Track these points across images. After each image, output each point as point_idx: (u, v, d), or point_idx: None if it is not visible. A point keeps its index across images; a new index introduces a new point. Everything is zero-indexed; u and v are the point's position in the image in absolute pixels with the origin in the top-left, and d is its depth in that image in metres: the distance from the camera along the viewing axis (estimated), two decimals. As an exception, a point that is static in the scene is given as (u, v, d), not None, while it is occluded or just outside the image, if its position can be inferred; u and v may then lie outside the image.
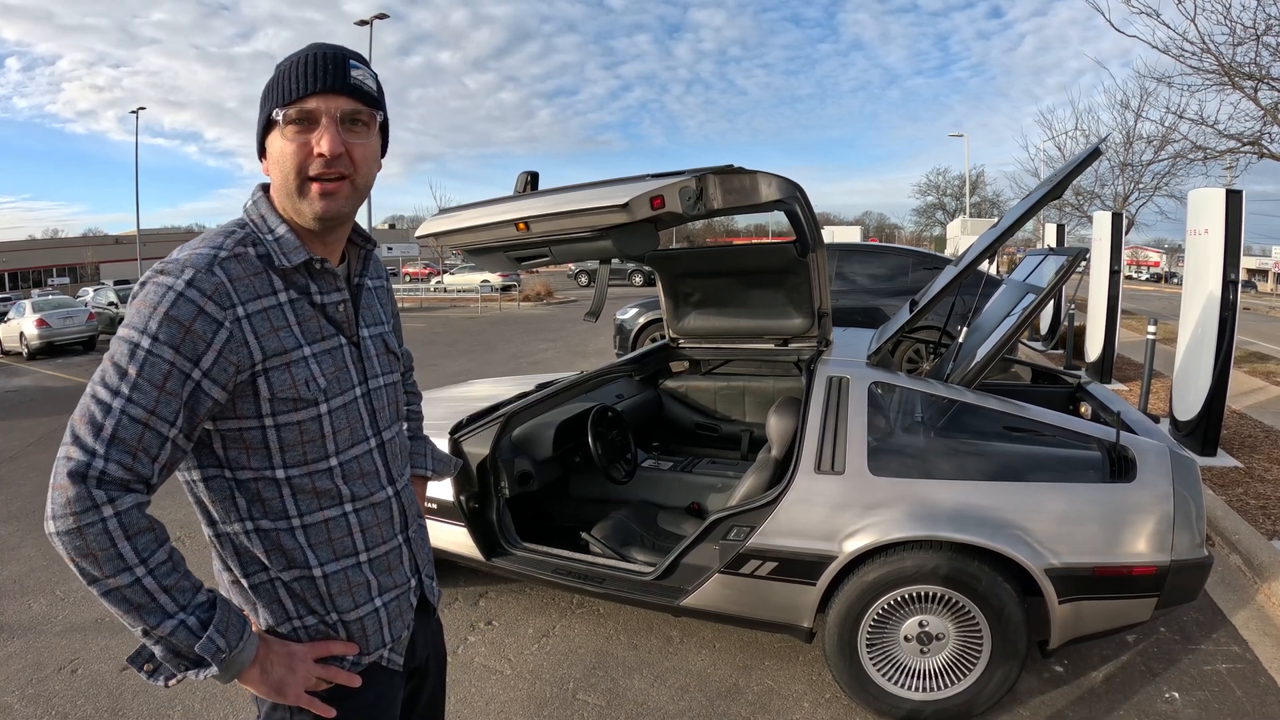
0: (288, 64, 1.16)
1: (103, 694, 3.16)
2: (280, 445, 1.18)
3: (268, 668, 1.17)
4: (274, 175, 1.19)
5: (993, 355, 2.99)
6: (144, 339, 1.07)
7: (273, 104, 1.15)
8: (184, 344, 1.08)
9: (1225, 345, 5.58)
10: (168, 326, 1.07)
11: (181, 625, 1.08)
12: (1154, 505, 2.61)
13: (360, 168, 1.20)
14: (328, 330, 1.25)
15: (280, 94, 1.14)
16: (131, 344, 1.07)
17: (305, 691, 1.21)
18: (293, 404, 1.18)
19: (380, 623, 1.32)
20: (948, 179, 52.82)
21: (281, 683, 1.18)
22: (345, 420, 1.25)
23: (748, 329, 4.53)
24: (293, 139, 1.15)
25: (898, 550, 2.70)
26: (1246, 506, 4.73)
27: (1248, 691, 2.96)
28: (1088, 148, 3.02)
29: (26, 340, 17.13)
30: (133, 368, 1.06)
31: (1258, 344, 13.71)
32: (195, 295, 1.09)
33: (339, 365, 1.25)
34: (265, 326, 1.15)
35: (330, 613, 1.26)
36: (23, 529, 5.26)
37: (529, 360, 12.77)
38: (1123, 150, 16.11)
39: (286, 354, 1.17)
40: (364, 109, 1.19)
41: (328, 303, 1.26)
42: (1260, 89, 8.12)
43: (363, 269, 1.37)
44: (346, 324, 1.29)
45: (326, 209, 1.18)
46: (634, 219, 2.56)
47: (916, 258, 9.92)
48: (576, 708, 2.99)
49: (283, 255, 1.19)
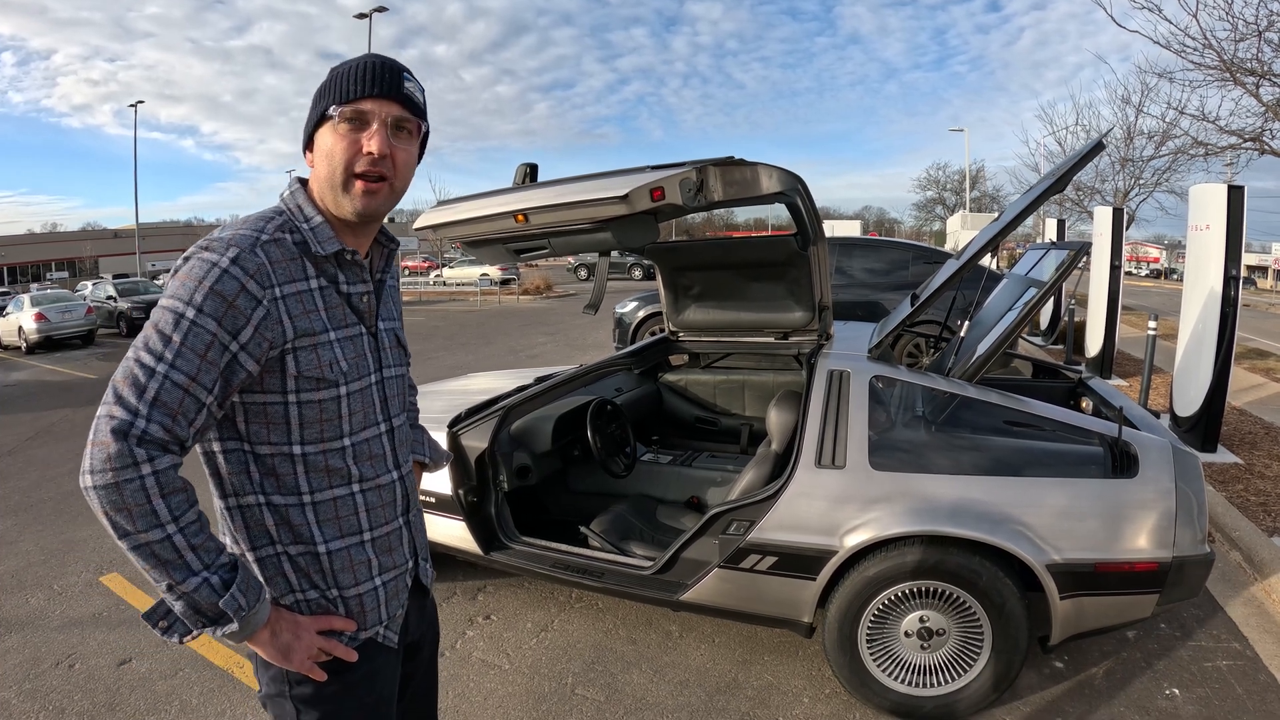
0: (345, 68, 1.25)
1: (100, 689, 3.15)
2: (300, 421, 1.26)
3: (277, 632, 1.25)
4: (320, 167, 1.27)
5: (994, 350, 2.98)
6: (189, 309, 1.13)
7: (329, 101, 1.24)
8: (226, 317, 1.15)
9: (1226, 341, 5.56)
10: (212, 300, 1.14)
11: (205, 583, 1.14)
12: (1156, 501, 2.59)
13: (400, 172, 1.29)
14: (350, 319, 1.33)
15: (338, 93, 1.23)
16: (176, 313, 1.13)
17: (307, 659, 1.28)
18: (316, 383, 1.26)
19: (378, 600, 1.39)
20: (948, 174, 52.80)
21: (288, 647, 1.26)
22: (360, 404, 1.33)
23: (748, 322, 4.51)
24: (344, 135, 1.24)
25: (898, 545, 2.69)
26: (1247, 503, 4.72)
27: (1248, 688, 2.95)
28: (1090, 141, 3.00)
29: (25, 335, 17.08)
30: (177, 335, 1.12)
31: (1258, 341, 13.69)
32: (238, 273, 1.16)
33: (359, 352, 1.33)
34: (298, 308, 1.24)
35: (331, 588, 1.33)
36: (21, 523, 5.25)
37: (528, 354, 12.76)
38: (1124, 145, 16.07)
39: (314, 336, 1.25)
40: (411, 118, 1.28)
41: (353, 292, 1.34)
42: (1262, 85, 8.09)
43: (385, 265, 1.45)
44: (368, 314, 1.37)
45: (366, 205, 1.26)
46: (634, 211, 2.54)
47: (916, 252, 9.90)
48: (575, 703, 2.98)
49: (318, 243, 1.28)
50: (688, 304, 4.69)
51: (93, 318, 18.63)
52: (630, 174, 2.64)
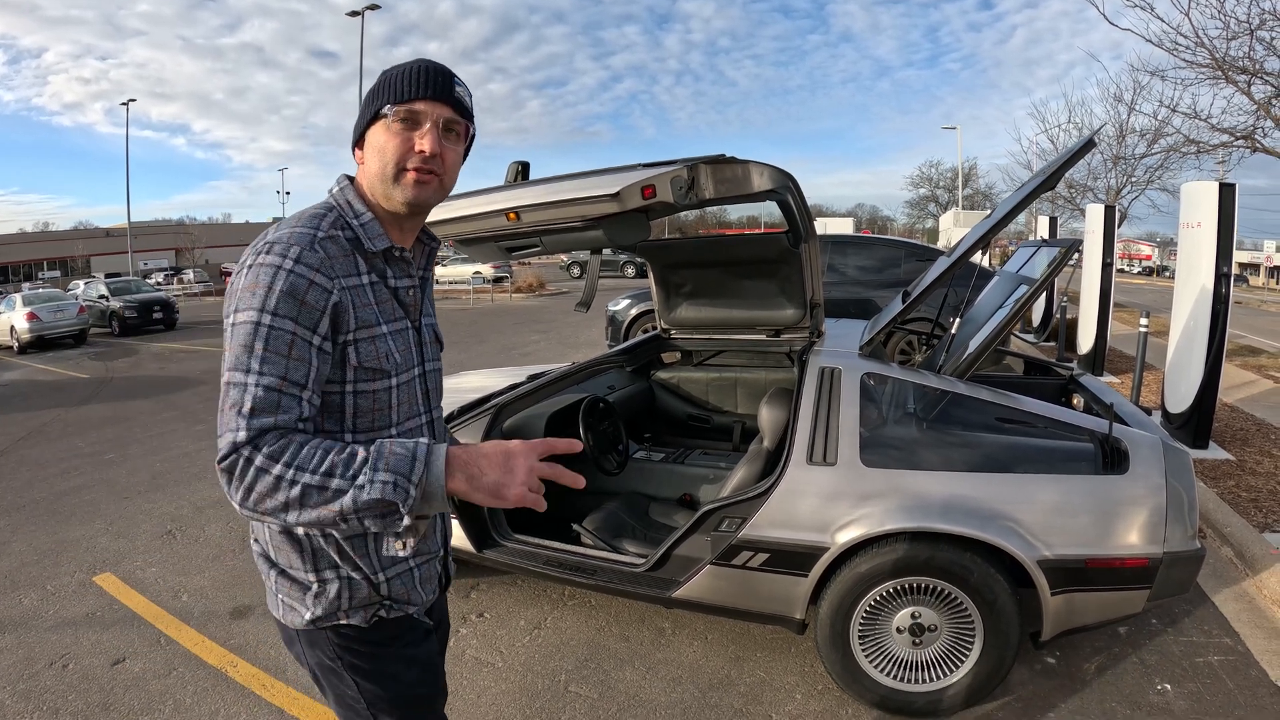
0: (399, 71, 1.30)
1: (94, 689, 3.15)
2: (355, 410, 1.31)
3: (474, 475, 1.15)
4: (372, 163, 1.31)
5: (985, 347, 2.98)
6: (264, 316, 1.17)
7: (383, 100, 1.28)
8: (301, 314, 1.19)
9: (1217, 338, 5.59)
10: (285, 302, 1.18)
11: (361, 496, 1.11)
12: (1147, 497, 2.61)
13: (449, 170, 1.34)
14: (398, 313, 1.38)
15: (393, 93, 1.28)
16: (253, 324, 1.17)
17: (527, 493, 1.18)
18: (372, 374, 1.31)
19: (414, 582, 1.45)
20: (940, 171, 52.82)
21: (498, 485, 1.16)
22: (407, 395, 1.39)
23: (740, 320, 4.52)
24: (398, 134, 1.28)
25: (890, 542, 2.69)
26: (1238, 499, 4.75)
27: (1239, 683, 2.97)
28: (1081, 139, 3.01)
29: (17, 334, 17.01)
30: (259, 344, 1.17)
31: (1250, 338, 13.76)
32: (304, 270, 1.20)
33: (406, 345, 1.39)
34: (358, 301, 1.28)
35: (377, 572, 1.38)
36: (13, 524, 5.23)
37: (520, 352, 12.74)
38: (1116, 143, 16.10)
39: (371, 329, 1.30)
40: (460, 120, 1.33)
41: (399, 287, 1.39)
42: (1254, 83, 8.13)
43: (425, 263, 1.50)
44: (413, 309, 1.43)
45: (417, 195, 1.31)
46: (625, 209, 2.54)
47: (909, 249, 9.92)
48: (568, 700, 2.98)
49: (368, 239, 1.32)
50: (680, 302, 4.69)
51: (85, 317, 18.60)
52: (622, 172, 2.64)
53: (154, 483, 6.04)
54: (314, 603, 1.36)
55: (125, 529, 5.03)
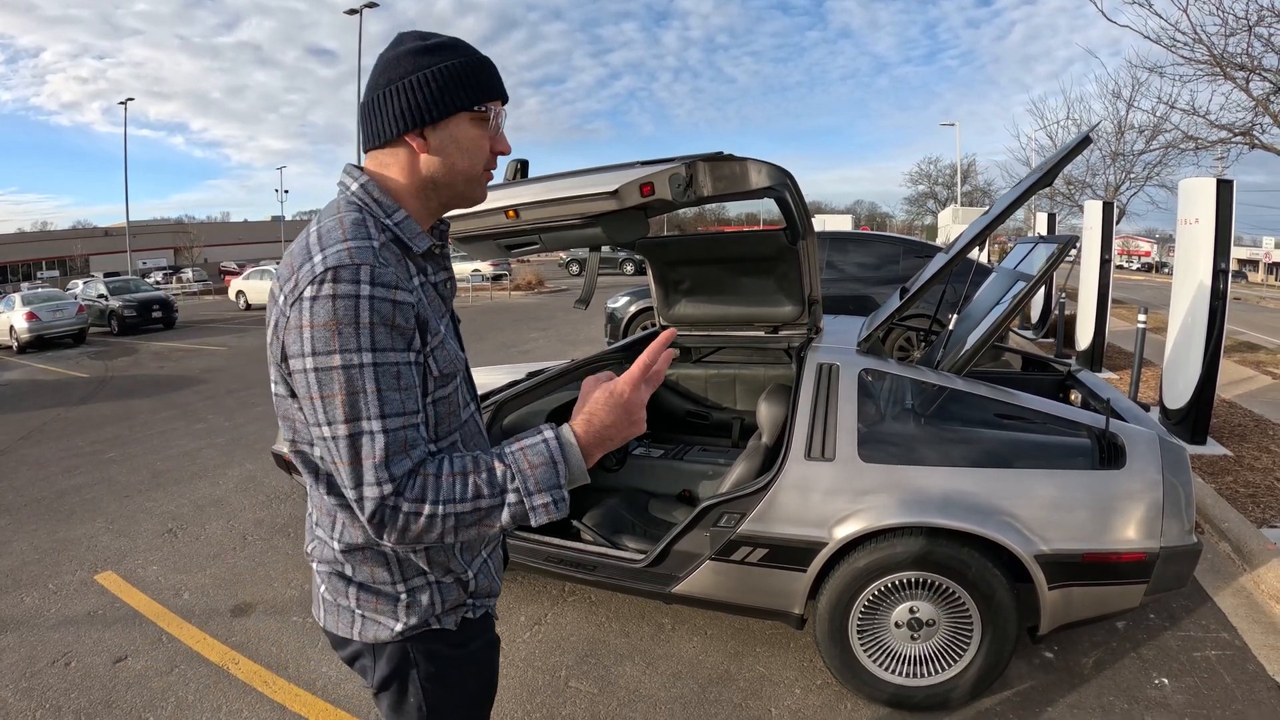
0: (476, 64, 1.22)
1: (96, 687, 3.16)
2: (436, 420, 1.25)
3: (607, 440, 1.19)
4: (458, 160, 1.24)
5: (983, 343, 2.99)
6: (364, 356, 1.09)
7: (473, 95, 1.21)
8: (396, 340, 1.12)
9: (1215, 334, 5.60)
10: (379, 334, 1.10)
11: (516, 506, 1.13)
12: (1143, 492, 2.62)
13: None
14: (443, 308, 1.32)
15: (481, 89, 1.22)
16: (356, 366, 1.09)
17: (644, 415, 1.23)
18: (445, 379, 1.24)
19: (492, 571, 1.45)
20: (939, 168, 52.81)
21: (629, 435, 1.21)
22: (464, 389, 1.34)
23: (738, 316, 4.52)
24: (485, 132, 1.25)
25: (888, 536, 2.71)
26: (1236, 494, 4.76)
27: (1236, 678, 2.98)
28: (1078, 136, 3.02)
29: (16, 334, 17.01)
30: (370, 385, 1.09)
31: (1248, 334, 13.78)
32: (384, 292, 1.11)
33: (456, 339, 1.34)
34: (428, 307, 1.22)
35: (466, 570, 1.35)
36: (14, 523, 5.24)
37: (520, 349, 12.75)
38: (1114, 140, 16.13)
39: (439, 334, 1.23)
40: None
41: (437, 281, 1.32)
42: (1252, 80, 8.14)
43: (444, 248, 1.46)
44: (450, 300, 1.37)
45: (484, 195, 1.32)
46: (624, 206, 2.55)
47: (907, 246, 9.92)
48: (569, 695, 3.00)
49: (410, 239, 1.23)
50: (678, 298, 4.70)
51: (84, 316, 18.58)
52: (620, 169, 2.65)
53: (154, 481, 6.05)
54: (406, 613, 1.30)
55: (126, 527, 5.04)
